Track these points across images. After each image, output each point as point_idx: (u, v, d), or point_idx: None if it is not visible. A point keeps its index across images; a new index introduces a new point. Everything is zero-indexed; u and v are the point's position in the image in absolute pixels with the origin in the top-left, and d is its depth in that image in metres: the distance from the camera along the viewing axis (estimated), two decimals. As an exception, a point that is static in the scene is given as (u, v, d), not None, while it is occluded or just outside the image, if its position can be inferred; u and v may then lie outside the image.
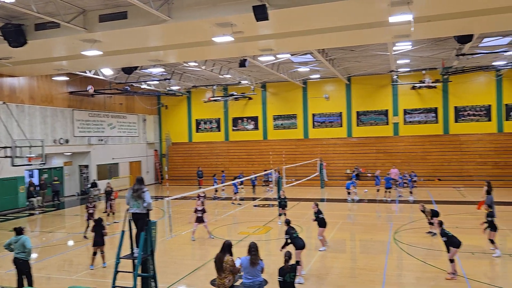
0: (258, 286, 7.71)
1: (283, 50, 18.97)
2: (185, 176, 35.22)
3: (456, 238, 10.67)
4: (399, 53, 23.17)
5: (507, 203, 20.55)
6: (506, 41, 21.64)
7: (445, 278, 10.52)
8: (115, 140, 32.71)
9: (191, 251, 14.64)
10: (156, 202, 25.03)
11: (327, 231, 16.21)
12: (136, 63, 20.48)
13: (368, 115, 32.69)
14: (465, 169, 29.50)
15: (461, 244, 10.60)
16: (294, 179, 29.66)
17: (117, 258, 8.55)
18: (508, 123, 29.48)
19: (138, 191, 8.36)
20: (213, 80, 32.13)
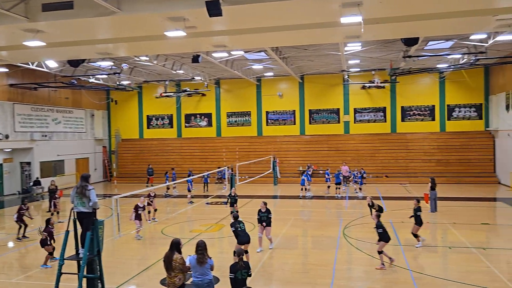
0: (207, 285, 7.63)
1: (237, 47, 18.89)
2: (136, 174, 34.32)
3: (387, 233, 11.37)
4: (350, 53, 23.79)
5: (449, 199, 21.70)
6: (448, 44, 22.82)
7: (375, 268, 11.15)
8: (60, 136, 31.24)
9: (141, 251, 14.25)
10: (104, 201, 24.22)
11: (280, 227, 16.41)
12: (83, 55, 19.57)
13: (320, 113, 33.36)
14: (410, 166, 30.89)
15: (390, 240, 11.39)
16: (247, 176, 29.72)
17: (61, 259, 8.16)
18: (450, 123, 31.16)
19: (82, 189, 8.00)
20: (165, 75, 31.48)
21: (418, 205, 13.44)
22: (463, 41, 21.52)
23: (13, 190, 28.18)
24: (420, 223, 13.30)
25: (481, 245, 13.41)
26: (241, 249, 8.09)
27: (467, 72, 29.09)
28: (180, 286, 7.62)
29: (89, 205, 8.00)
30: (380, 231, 11.33)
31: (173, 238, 7.84)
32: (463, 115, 30.97)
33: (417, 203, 13.53)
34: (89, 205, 8.01)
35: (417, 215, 13.29)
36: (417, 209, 13.35)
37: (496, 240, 14.28)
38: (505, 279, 10.24)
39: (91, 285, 8.50)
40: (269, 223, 13.11)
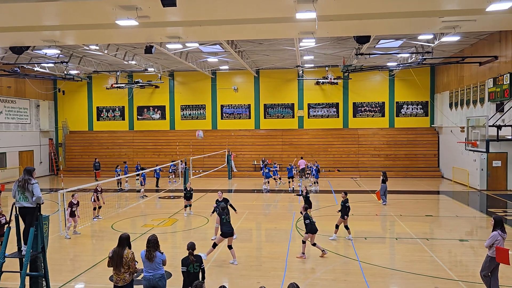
0: (159, 280, 7.54)
1: (191, 38, 18.57)
2: (84, 167, 33.08)
3: (315, 225, 11.71)
4: (304, 49, 24.11)
5: (396, 192, 22.64)
6: (398, 44, 23.70)
7: (296, 257, 11.67)
8: (1, 127, 29.47)
9: (89, 247, 13.77)
10: (50, 195, 23.18)
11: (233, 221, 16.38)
12: (27, 42, 18.48)
13: (275, 108, 33.63)
14: (361, 161, 31.90)
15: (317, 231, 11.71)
16: (201, 170, 29.48)
17: (1, 257, 7.69)
18: (398, 119, 32.45)
19: (25, 183, 7.57)
20: (116, 66, 30.44)
21: (345, 198, 13.69)
22: (411, 41, 22.43)
23: None
24: (347, 215, 13.53)
25: (425, 235, 14.11)
26: (193, 243, 8.02)
27: (415, 71, 30.40)
28: (130, 281, 7.45)
29: (32, 200, 7.60)
30: (307, 221, 11.62)
31: (121, 234, 7.63)
32: (411, 112, 32.35)
33: (345, 196, 13.77)
34: (33, 200, 7.60)
35: (346, 206, 13.48)
36: (345, 201, 13.59)
37: (438, 231, 15.06)
38: (446, 267, 10.84)
39: (35, 284, 8.10)
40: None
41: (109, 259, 7.47)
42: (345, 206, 13.49)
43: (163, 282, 7.62)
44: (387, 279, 10.22)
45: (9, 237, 7.97)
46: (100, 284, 9.90)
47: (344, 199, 13.61)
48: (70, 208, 14.21)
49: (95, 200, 16.61)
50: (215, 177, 29.61)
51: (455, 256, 12.17)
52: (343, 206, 13.52)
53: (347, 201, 13.59)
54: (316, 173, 25.65)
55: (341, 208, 13.55)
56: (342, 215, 13.46)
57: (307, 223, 11.57)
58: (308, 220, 11.58)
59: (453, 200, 21.19)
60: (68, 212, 14.20)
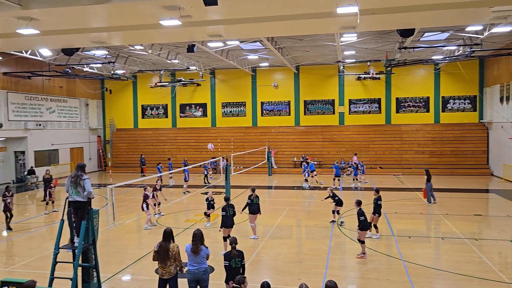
0: (203, 273, 7.73)
1: (232, 36, 18.76)
2: (130, 163, 34.27)
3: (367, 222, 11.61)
4: (345, 44, 23.72)
5: (442, 190, 21.87)
6: (444, 36, 22.82)
7: (356, 256, 11.36)
8: (54, 125, 31.05)
9: (136, 240, 14.30)
10: (99, 190, 24.21)
11: (274, 217, 16.51)
12: (77, 44, 19.37)
13: (315, 104, 33.36)
14: (404, 158, 31.05)
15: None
16: (242, 167, 29.77)
17: (56, 248, 8.16)
18: (444, 115, 31.29)
19: (77, 178, 7.98)
20: (160, 65, 31.28)
21: (378, 195, 13.37)
22: (458, 33, 21.54)
23: (7, 179, 28.04)
24: (379, 214, 13.24)
25: (473, 236, 13.58)
26: (235, 238, 8.16)
27: (462, 64, 29.17)
28: (174, 274, 7.69)
29: (84, 194, 7.99)
30: (362, 219, 11.42)
31: (165, 228, 7.87)
32: (458, 107, 31.10)
33: (377, 194, 13.43)
34: (84, 195, 8.00)
35: (378, 204, 13.20)
36: (377, 198, 13.29)
37: (488, 231, 14.45)
38: (496, 269, 10.39)
39: (86, 274, 8.54)
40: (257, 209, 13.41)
41: (154, 253, 7.72)
42: (377, 204, 13.23)
43: (207, 275, 7.81)
44: (433, 279, 9.94)
45: (62, 229, 8.44)
46: (146, 277, 10.27)
47: (377, 197, 13.34)
48: (145, 200, 14.88)
49: (154, 197, 17.02)
50: (255, 174, 29.80)
51: (506, 258, 11.64)
52: (376, 204, 13.26)
53: (379, 198, 13.32)
54: (356, 170, 25.29)
55: (374, 206, 13.27)
56: (374, 212, 13.18)
57: (362, 219, 11.40)
58: (363, 217, 11.42)
59: (504, 199, 20.21)
60: (144, 205, 14.96)
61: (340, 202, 15.12)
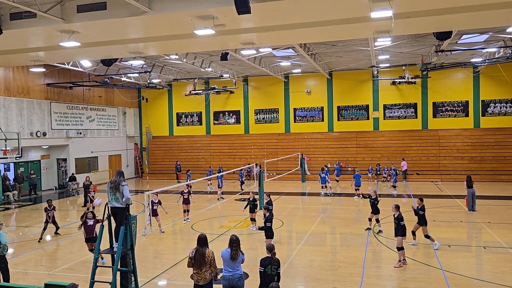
0: (238, 280, 7.72)
1: (265, 44, 18.91)
2: (166, 170, 34.96)
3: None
4: (379, 48, 23.39)
5: (483, 197, 21.05)
6: (483, 38, 22.07)
7: (394, 266, 11.00)
8: (94, 133, 32.18)
9: (171, 245, 14.56)
10: (136, 196, 24.83)
11: (307, 224, 16.40)
12: (115, 55, 20.12)
13: (349, 109, 32.98)
14: (442, 164, 30.12)
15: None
16: (275, 173, 29.76)
17: (96, 253, 8.43)
18: (484, 119, 30.18)
19: (117, 184, 8.23)
20: (194, 73, 31.87)
21: (422, 204, 12.86)
22: (498, 34, 20.78)
23: (50, 185, 29.28)
24: (424, 223, 12.71)
25: (518, 245, 12.98)
26: (272, 245, 8.14)
27: (503, 66, 28.07)
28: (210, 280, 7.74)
29: (122, 200, 8.23)
30: (402, 223, 11.15)
31: (199, 234, 7.95)
32: (499, 110, 29.94)
33: (421, 202, 12.95)
34: (122, 201, 8.23)
35: (421, 214, 12.68)
36: (421, 208, 12.77)
37: (533, 240, 13.77)
38: (543, 280, 9.89)
39: (125, 278, 8.76)
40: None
41: (189, 259, 7.77)
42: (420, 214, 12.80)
43: (242, 282, 7.78)
44: (474, 290, 9.58)
45: (102, 234, 8.73)
46: (181, 282, 10.42)
47: (420, 206, 12.85)
48: (151, 206, 15.21)
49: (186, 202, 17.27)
50: (288, 180, 29.71)
51: (554, 269, 11.05)
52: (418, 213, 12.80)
53: (422, 208, 12.79)
54: (395, 177, 24.84)
55: (418, 216, 12.80)
56: (421, 222, 12.76)
57: (403, 224, 11.19)
58: (403, 222, 11.21)
59: (551, 207, 19.21)
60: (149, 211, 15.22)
61: (377, 210, 14.82)
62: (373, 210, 14.80)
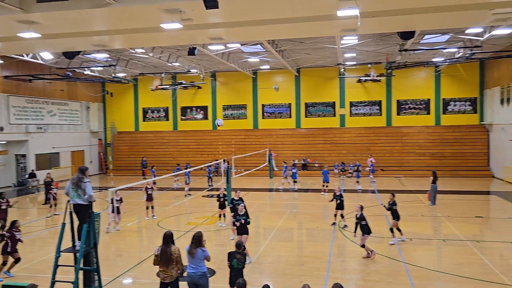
0: (200, 277, 7.63)
1: (233, 39, 18.82)
2: (131, 166, 34.28)
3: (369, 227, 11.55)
4: (346, 46, 23.76)
5: (443, 192, 21.81)
6: (444, 38, 22.85)
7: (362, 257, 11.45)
8: (55, 128, 31.10)
9: (137, 243, 14.31)
10: (100, 193, 24.20)
11: (275, 220, 16.51)
12: (78, 47, 19.41)
13: (316, 106, 33.38)
14: (405, 160, 31.03)
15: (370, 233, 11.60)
16: (243, 169, 29.76)
17: (57, 251, 8.16)
18: (445, 117, 31.29)
19: (79, 181, 7.98)
20: (161, 68, 31.34)
21: (393, 199, 13.26)
22: (459, 35, 21.56)
23: (8, 182, 28.09)
24: (397, 217, 13.11)
25: (475, 238, 13.55)
26: (241, 241, 8.20)
27: (463, 66, 29.19)
28: (176, 278, 7.65)
29: (85, 197, 7.99)
30: (363, 223, 11.45)
31: (165, 232, 7.85)
32: (458, 109, 31.10)
33: (393, 197, 13.34)
34: (85, 198, 8.00)
35: (394, 209, 13.09)
36: (393, 203, 13.18)
37: (489, 233, 14.42)
38: (498, 271, 10.36)
39: (88, 278, 8.52)
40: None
41: (155, 257, 7.67)
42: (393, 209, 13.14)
43: (204, 280, 7.69)
44: (434, 281, 9.92)
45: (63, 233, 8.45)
46: (147, 280, 10.25)
47: (392, 201, 13.23)
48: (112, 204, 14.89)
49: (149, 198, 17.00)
50: (256, 176, 29.79)
51: (507, 260, 11.61)
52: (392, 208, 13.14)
53: (394, 203, 13.19)
54: (358, 173, 25.41)
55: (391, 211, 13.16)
56: (395, 217, 13.11)
57: (364, 224, 11.44)
58: (365, 221, 11.46)
59: (505, 201, 20.18)
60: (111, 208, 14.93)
61: (342, 205, 15.07)
62: (338, 205, 15.03)
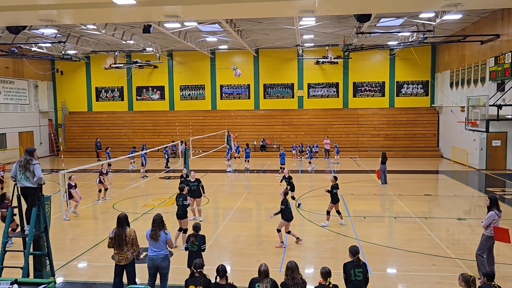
0: (162, 260, 7.61)
1: (189, 17, 18.32)
2: (84, 148, 33.17)
3: (291, 213, 11.05)
4: (304, 28, 23.82)
5: (396, 172, 22.73)
6: (399, 22, 23.40)
7: (275, 246, 11.04)
8: (1, 108, 29.38)
9: (91, 227, 13.93)
10: (51, 176, 23.30)
11: (233, 200, 16.58)
12: (24, 22, 18.24)
13: (274, 88, 33.46)
14: (361, 141, 31.93)
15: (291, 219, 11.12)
16: (201, 151, 29.53)
17: (4, 236, 7.79)
18: (398, 99, 32.33)
19: (27, 163, 7.59)
20: (114, 46, 30.15)
21: (335, 182, 12.86)
22: (412, 19, 22.16)
23: (-51, 165, 26.36)
24: (336, 201, 12.76)
25: (424, 214, 14.25)
26: (198, 224, 8.18)
27: (416, 50, 30.12)
28: (132, 259, 7.55)
29: (34, 180, 7.63)
30: (282, 207, 10.93)
31: (119, 214, 7.67)
32: (411, 91, 32.20)
33: (335, 180, 12.91)
34: (34, 180, 7.63)
35: (334, 193, 12.70)
36: (334, 186, 12.74)
37: (437, 210, 15.20)
38: (444, 245, 10.98)
39: (39, 262, 8.23)
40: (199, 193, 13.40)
41: (109, 240, 7.51)
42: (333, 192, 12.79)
43: (166, 262, 7.67)
44: (385, 257, 10.37)
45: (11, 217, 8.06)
46: (102, 263, 10.03)
47: (334, 184, 12.85)
48: (68, 190, 14.25)
49: (100, 182, 16.56)
50: (215, 158, 29.68)
51: (453, 235, 12.31)
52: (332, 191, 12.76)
53: (336, 186, 12.78)
54: (310, 154, 26.00)
55: (331, 194, 12.75)
56: (333, 200, 12.76)
57: (282, 208, 10.90)
58: (283, 206, 10.90)
59: (452, 180, 21.31)
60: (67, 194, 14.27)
61: (292, 186, 15.15)
62: (289, 187, 14.96)
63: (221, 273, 6.17)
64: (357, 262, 6.53)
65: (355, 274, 6.40)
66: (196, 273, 6.32)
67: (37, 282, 6.36)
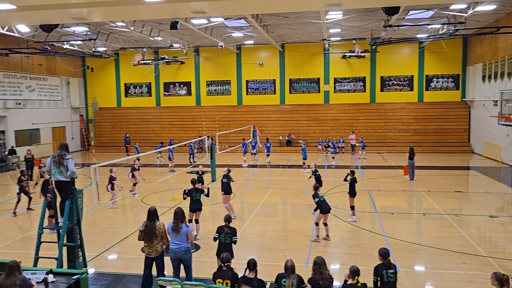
0: (184, 252, 7.71)
1: (216, 13, 18.42)
2: (113, 143, 33.93)
3: (327, 204, 11.07)
4: (331, 22, 23.55)
5: (424, 167, 22.27)
6: (428, 14, 22.82)
7: (311, 240, 11.09)
8: (35, 104, 30.39)
9: (121, 220, 14.29)
10: (83, 170, 23.98)
11: (259, 195, 16.65)
12: (55, 20, 18.74)
13: (300, 82, 33.28)
14: (388, 136, 31.41)
15: (329, 210, 11.08)
16: (227, 146, 29.74)
17: (40, 228, 8.11)
18: (428, 93, 31.59)
19: (60, 158, 7.86)
20: (142, 42, 30.65)
21: (353, 176, 12.94)
22: (443, 11, 21.55)
23: (-13, 159, 27.54)
24: (353, 195, 12.86)
25: (454, 211, 13.93)
26: (229, 215, 8.28)
27: (446, 43, 29.32)
28: (161, 252, 7.71)
29: (67, 174, 7.89)
30: (316, 200, 11.05)
31: (149, 207, 7.84)
32: (441, 85, 31.40)
33: (352, 175, 12.98)
34: (67, 174, 7.89)
35: (352, 186, 12.80)
36: (353, 180, 12.87)
37: (468, 207, 14.83)
38: (475, 243, 10.71)
39: (72, 254, 8.52)
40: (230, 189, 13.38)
41: (140, 233, 7.68)
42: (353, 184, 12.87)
43: (188, 255, 7.77)
44: (414, 254, 10.21)
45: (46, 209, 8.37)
46: (132, 255, 10.29)
47: (352, 178, 12.91)
48: (110, 182, 15.01)
49: (133, 176, 17.00)
50: (241, 152, 29.80)
51: (484, 233, 11.99)
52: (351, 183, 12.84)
53: (355, 180, 12.89)
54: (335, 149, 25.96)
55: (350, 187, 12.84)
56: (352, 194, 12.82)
57: (316, 201, 11.03)
58: (317, 199, 11.02)
59: (484, 176, 20.71)
60: (109, 185, 15.08)
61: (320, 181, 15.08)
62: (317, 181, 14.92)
63: (252, 266, 6.21)
64: (388, 264, 6.38)
65: (387, 276, 6.24)
66: (223, 267, 6.40)
67: (71, 273, 6.62)
